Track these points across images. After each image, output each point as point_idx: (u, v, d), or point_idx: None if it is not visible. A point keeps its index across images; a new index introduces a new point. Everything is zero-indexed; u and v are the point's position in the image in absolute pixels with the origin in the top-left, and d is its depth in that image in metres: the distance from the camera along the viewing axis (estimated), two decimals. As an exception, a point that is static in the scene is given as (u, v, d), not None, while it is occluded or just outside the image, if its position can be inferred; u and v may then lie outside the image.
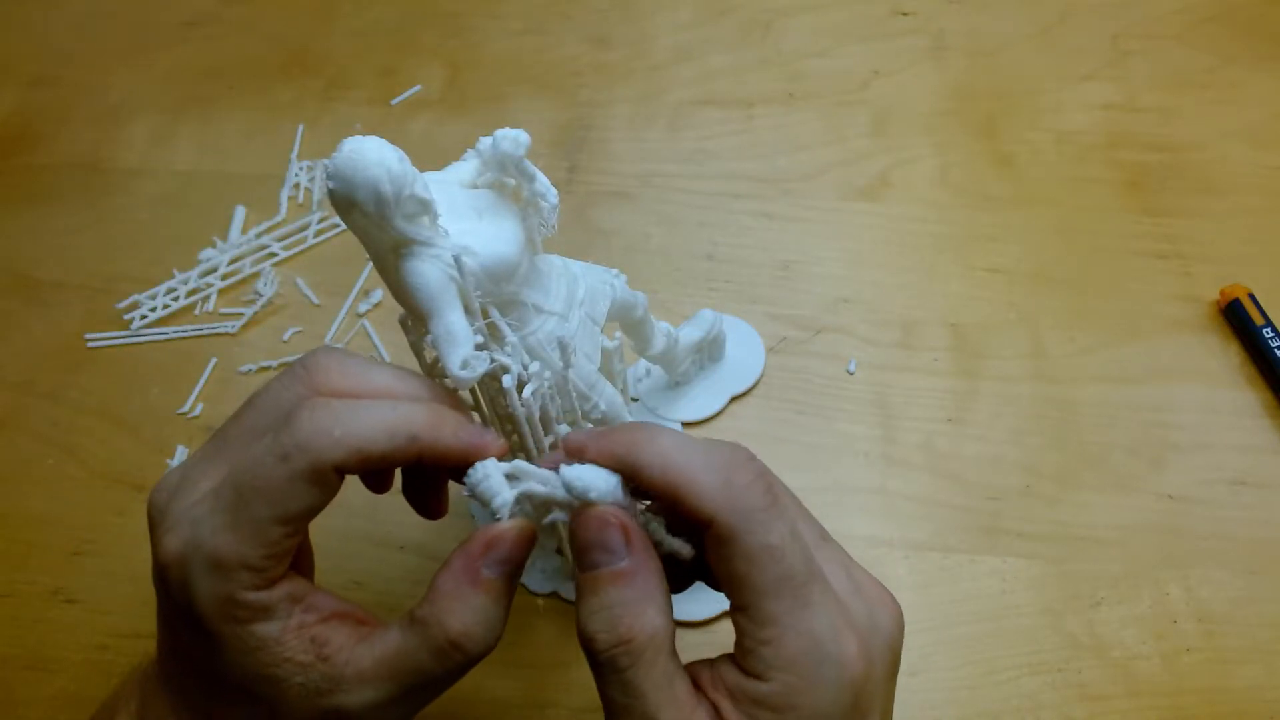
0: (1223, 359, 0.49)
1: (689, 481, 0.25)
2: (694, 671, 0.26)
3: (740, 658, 0.25)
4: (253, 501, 0.25)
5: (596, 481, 0.26)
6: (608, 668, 0.25)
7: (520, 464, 0.26)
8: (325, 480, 0.25)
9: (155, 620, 0.43)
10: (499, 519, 0.26)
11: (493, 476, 0.26)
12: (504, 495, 0.26)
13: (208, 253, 0.56)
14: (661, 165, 0.59)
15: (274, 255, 0.56)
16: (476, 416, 0.35)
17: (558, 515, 0.26)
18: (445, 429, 0.26)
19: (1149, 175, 0.57)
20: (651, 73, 0.65)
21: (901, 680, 0.41)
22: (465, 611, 0.26)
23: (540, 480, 0.26)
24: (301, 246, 0.57)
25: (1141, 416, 0.47)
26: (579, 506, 0.26)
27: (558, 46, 0.67)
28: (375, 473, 0.30)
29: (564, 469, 0.26)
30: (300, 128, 0.63)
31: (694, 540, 0.27)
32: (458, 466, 0.27)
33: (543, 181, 0.30)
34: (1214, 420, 0.47)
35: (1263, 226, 0.54)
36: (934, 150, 0.59)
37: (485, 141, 0.29)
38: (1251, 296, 0.49)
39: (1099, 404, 0.48)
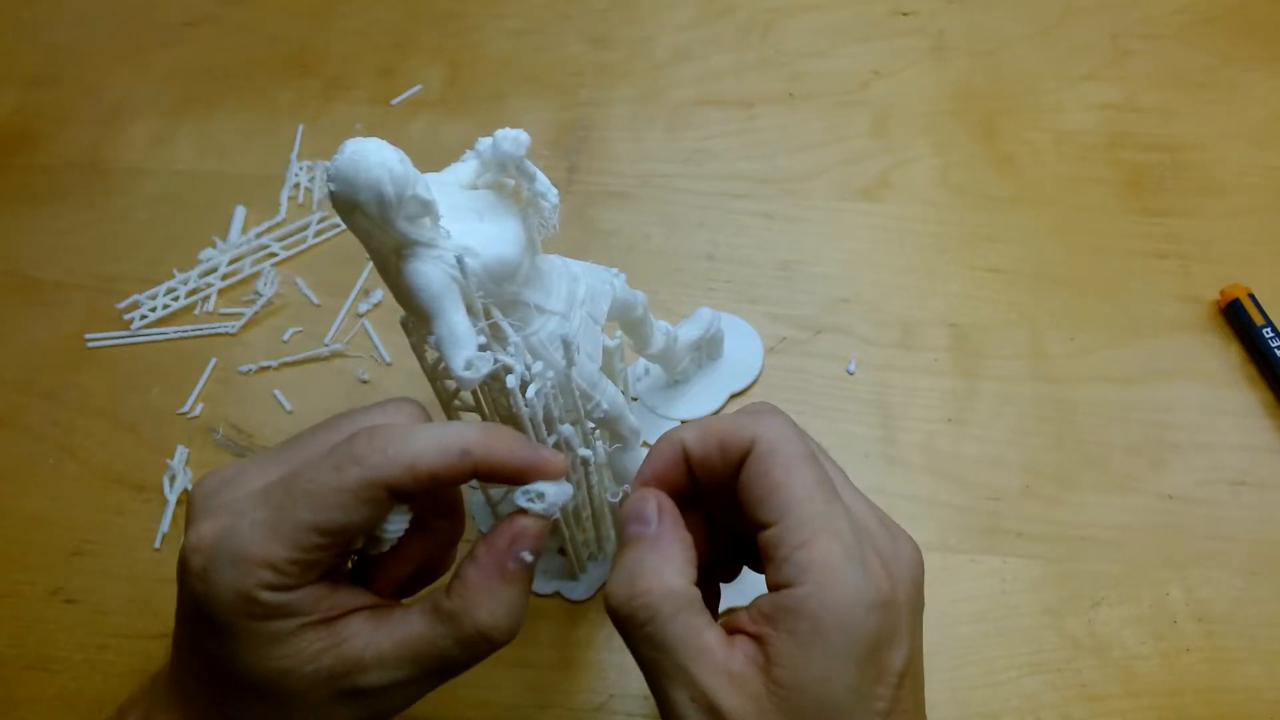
0: (1223, 359, 0.49)
1: (732, 425, 0.28)
2: (733, 617, 0.27)
3: (774, 575, 0.26)
4: (299, 503, 0.25)
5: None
6: (628, 624, 0.26)
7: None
8: (375, 498, 0.25)
9: (154, 620, 0.43)
10: (548, 514, 0.28)
11: (549, 492, 0.27)
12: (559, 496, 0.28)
13: (208, 253, 0.56)
14: (661, 165, 0.59)
15: (274, 255, 0.56)
16: (478, 417, 0.35)
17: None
18: (499, 444, 0.27)
19: (1149, 175, 0.57)
20: (651, 73, 0.65)
21: (902, 680, 0.41)
22: (494, 604, 0.27)
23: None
24: (301, 246, 0.57)
25: (1141, 416, 0.48)
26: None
27: (558, 46, 0.66)
28: (392, 571, 0.30)
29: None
30: (300, 128, 0.63)
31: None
32: (512, 482, 0.28)
33: (543, 181, 0.30)
34: (1214, 420, 0.47)
35: (1263, 226, 0.54)
36: (934, 150, 0.59)
37: (485, 142, 0.29)
38: (1251, 296, 0.50)
39: (1099, 404, 0.48)
